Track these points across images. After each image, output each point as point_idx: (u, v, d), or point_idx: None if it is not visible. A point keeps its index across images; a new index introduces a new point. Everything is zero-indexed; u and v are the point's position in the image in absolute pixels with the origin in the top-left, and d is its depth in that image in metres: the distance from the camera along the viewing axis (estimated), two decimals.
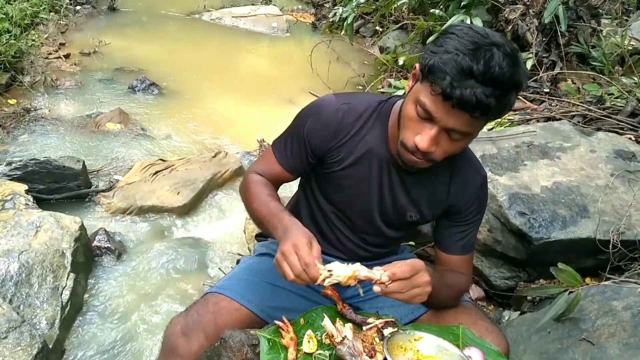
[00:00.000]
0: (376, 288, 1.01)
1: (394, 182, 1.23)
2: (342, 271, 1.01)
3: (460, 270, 1.29)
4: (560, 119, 2.69)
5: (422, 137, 1.05)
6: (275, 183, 1.32)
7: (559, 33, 3.20)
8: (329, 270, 1.01)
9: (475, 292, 2.11)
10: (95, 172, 2.99)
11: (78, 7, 5.73)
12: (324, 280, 1.01)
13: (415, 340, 1.10)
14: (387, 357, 1.02)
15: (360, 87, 4.41)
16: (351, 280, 1.02)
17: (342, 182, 1.25)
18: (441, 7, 4.00)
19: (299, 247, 1.03)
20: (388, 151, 1.21)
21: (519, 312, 2.00)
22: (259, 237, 1.55)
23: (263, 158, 1.34)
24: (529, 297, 1.99)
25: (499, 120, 2.95)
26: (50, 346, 1.76)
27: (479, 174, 1.26)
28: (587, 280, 1.89)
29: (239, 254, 2.41)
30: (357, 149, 1.22)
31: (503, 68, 0.95)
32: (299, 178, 1.39)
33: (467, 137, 1.06)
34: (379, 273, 1.01)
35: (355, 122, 1.22)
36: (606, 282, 1.75)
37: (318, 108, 1.24)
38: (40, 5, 4.75)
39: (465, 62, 0.95)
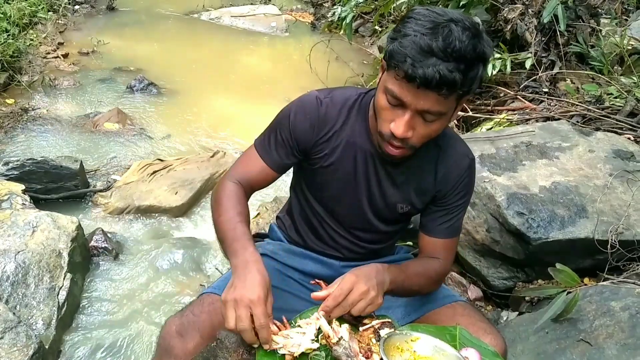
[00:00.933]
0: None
1: (380, 175, 1.23)
2: (295, 348, 1.01)
3: (441, 255, 1.27)
4: (559, 119, 2.68)
5: (396, 124, 1.04)
6: (254, 186, 1.26)
7: (558, 33, 3.19)
8: (284, 346, 1.01)
9: (473, 292, 2.11)
10: (92, 172, 2.99)
11: (77, 7, 5.73)
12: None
13: (412, 341, 1.09)
14: (384, 358, 1.01)
15: (360, 87, 4.39)
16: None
17: (328, 177, 1.25)
18: (440, 6, 3.99)
19: (256, 305, 0.98)
20: (371, 144, 1.20)
21: (517, 312, 1.99)
22: (255, 237, 1.54)
23: (242, 160, 1.29)
24: (527, 298, 1.99)
25: (498, 120, 2.94)
26: (47, 347, 1.75)
27: (466, 157, 1.25)
28: (585, 280, 1.89)
29: None
30: (340, 144, 1.22)
31: (463, 41, 0.95)
32: (290, 181, 1.39)
33: (441, 117, 1.05)
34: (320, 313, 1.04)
35: (337, 115, 1.22)
36: (604, 283, 1.74)
37: (301, 102, 1.24)
38: (39, 5, 4.75)
39: (424, 41, 0.95)
